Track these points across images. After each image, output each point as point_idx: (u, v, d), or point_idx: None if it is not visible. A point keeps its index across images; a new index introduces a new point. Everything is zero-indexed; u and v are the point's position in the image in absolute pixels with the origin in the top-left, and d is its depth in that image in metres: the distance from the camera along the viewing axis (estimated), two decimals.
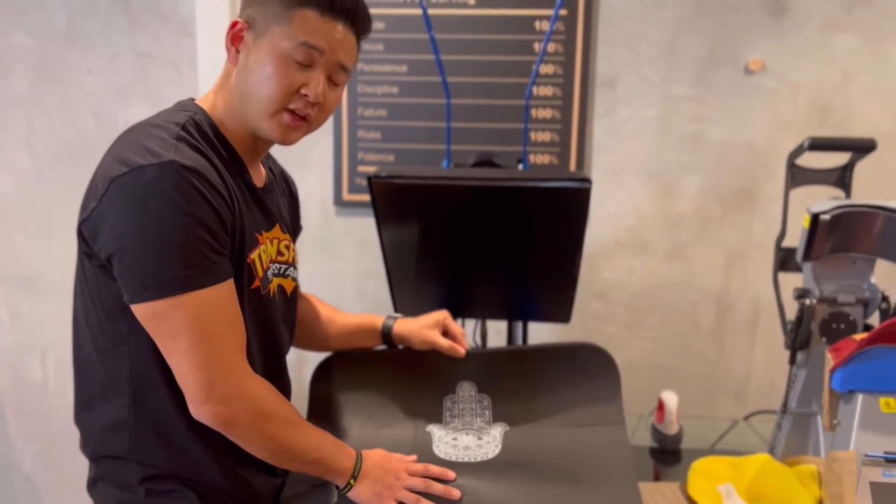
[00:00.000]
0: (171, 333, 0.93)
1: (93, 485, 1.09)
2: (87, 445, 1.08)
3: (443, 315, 1.32)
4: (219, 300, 0.95)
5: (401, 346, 1.33)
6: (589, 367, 1.26)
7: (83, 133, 2.23)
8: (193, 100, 1.07)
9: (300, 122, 1.02)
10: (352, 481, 1.05)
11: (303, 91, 0.99)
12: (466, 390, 1.26)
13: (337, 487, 1.06)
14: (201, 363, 0.93)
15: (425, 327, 1.30)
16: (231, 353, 0.97)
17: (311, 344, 1.36)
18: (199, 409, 0.95)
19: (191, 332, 0.92)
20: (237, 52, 1.01)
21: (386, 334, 1.32)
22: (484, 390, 1.26)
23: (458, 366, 1.29)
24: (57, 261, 2.27)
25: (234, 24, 1.00)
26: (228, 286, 0.97)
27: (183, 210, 0.89)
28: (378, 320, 1.33)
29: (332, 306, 1.38)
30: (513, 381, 1.27)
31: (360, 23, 1.03)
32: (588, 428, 1.18)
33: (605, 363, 1.26)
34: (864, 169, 1.55)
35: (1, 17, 2.18)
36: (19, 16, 2.17)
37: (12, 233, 2.30)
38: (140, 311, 0.93)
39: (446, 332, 1.31)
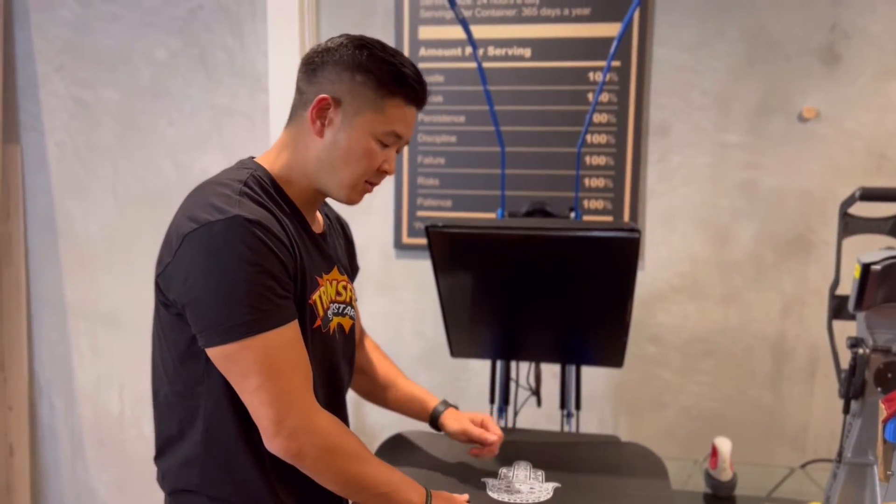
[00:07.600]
0: (243, 373, 1.00)
1: None
2: (164, 479, 1.15)
3: (484, 416, 1.38)
4: (285, 341, 1.01)
5: (441, 432, 1.38)
6: (637, 464, 1.35)
7: (163, 179, 2.38)
8: (253, 158, 1.16)
9: (371, 189, 1.15)
10: None
11: (383, 168, 1.12)
12: (522, 467, 1.32)
13: None
14: (271, 400, 1.00)
15: (466, 419, 1.36)
16: (298, 389, 1.02)
17: (369, 398, 1.43)
18: (271, 443, 1.02)
19: (260, 372, 0.99)
20: (322, 125, 1.09)
21: (434, 418, 1.38)
22: (539, 466, 1.31)
23: (517, 448, 1.38)
24: (136, 299, 2.39)
25: (321, 100, 1.07)
26: (293, 327, 1.03)
27: (248, 260, 0.97)
28: (432, 402, 1.39)
29: (394, 365, 1.45)
30: (567, 463, 1.33)
31: (424, 104, 1.14)
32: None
33: (654, 463, 1.35)
34: None
35: (93, 75, 2.37)
36: (109, 73, 2.36)
37: (96, 272, 2.45)
38: (214, 354, 1.01)
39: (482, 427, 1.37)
